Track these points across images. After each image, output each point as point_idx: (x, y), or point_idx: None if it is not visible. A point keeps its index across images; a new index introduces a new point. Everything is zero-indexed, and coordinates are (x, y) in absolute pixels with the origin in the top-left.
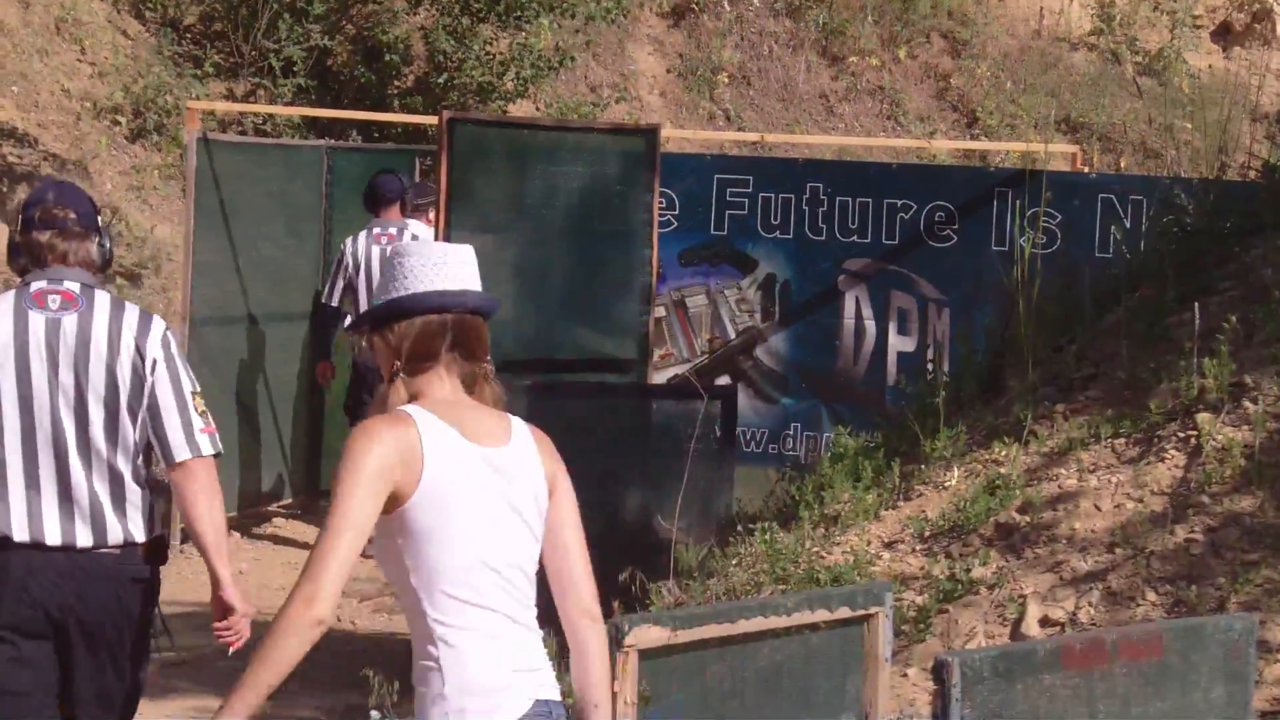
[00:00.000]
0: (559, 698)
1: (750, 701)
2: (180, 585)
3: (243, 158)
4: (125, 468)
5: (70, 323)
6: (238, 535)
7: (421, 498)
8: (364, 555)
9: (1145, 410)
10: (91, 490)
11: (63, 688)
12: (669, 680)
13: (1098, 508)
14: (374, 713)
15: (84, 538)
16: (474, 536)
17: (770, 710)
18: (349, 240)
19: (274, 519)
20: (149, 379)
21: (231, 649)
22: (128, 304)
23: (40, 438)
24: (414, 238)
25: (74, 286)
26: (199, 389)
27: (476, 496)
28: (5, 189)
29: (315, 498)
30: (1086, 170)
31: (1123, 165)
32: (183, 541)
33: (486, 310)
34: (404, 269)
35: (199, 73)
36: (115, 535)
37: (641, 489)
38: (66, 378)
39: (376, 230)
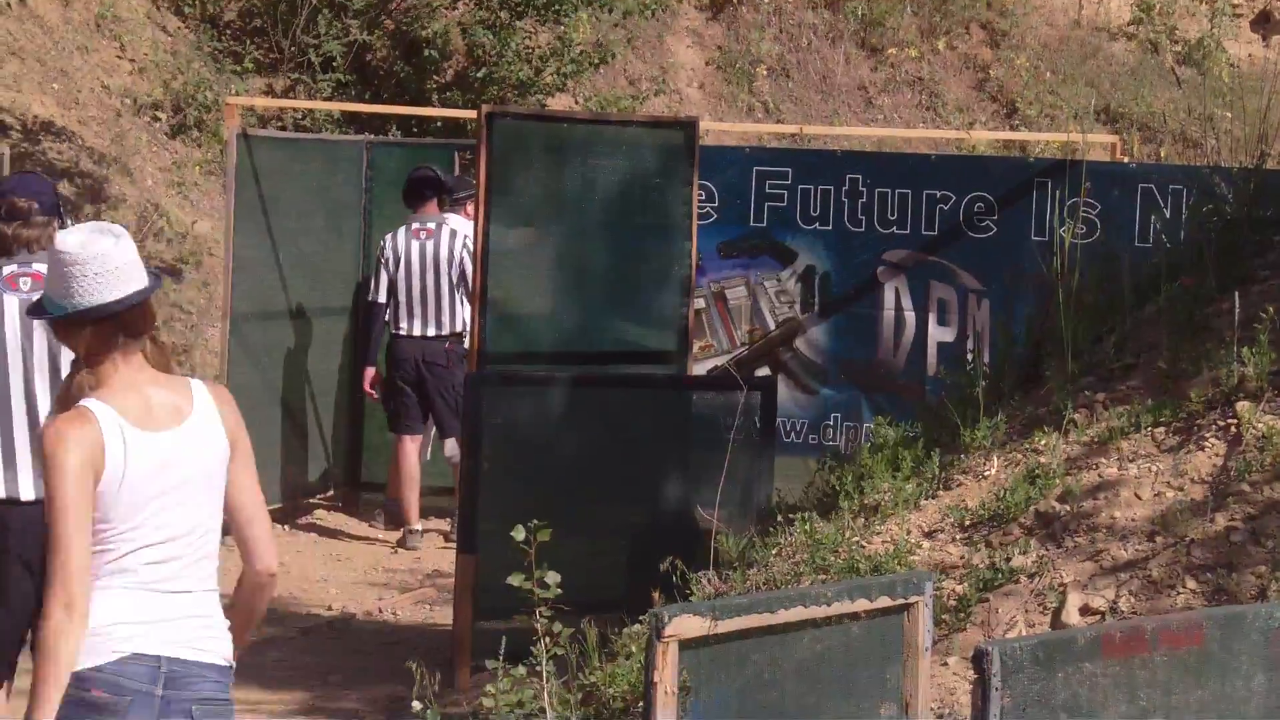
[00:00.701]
0: (199, 659)
1: (790, 691)
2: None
3: (282, 153)
4: None
5: None
6: (282, 528)
7: (105, 488)
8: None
9: (1185, 399)
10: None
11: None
12: (709, 670)
13: (1138, 496)
14: (416, 703)
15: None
16: (140, 523)
17: (810, 700)
18: (388, 237)
19: (316, 511)
20: None
21: None
22: None
23: (15, 404)
24: (452, 233)
25: (42, 268)
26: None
27: (146, 487)
28: None
29: (357, 490)
30: (1126, 160)
31: (1162, 155)
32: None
33: (149, 293)
34: (71, 282)
35: (239, 68)
36: None
37: (682, 479)
38: (40, 350)
39: (415, 226)
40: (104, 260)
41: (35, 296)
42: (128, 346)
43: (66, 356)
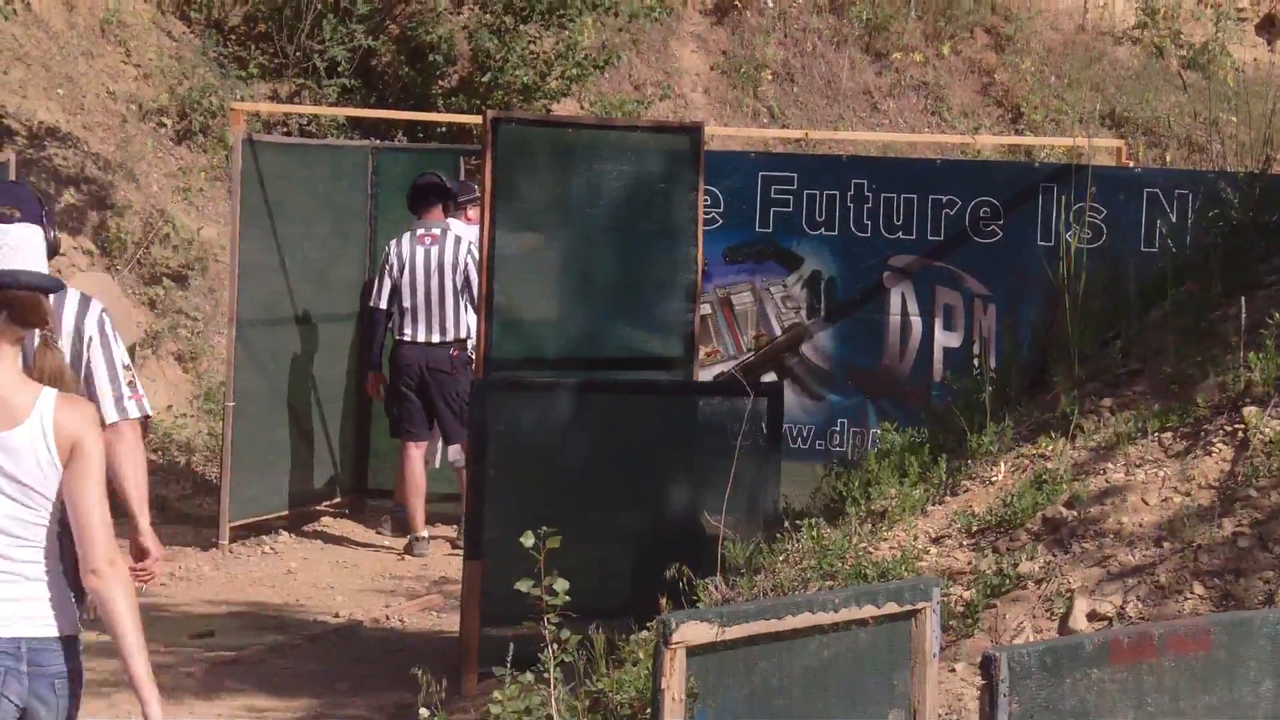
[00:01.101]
0: (32, 634)
1: (797, 697)
2: (229, 586)
3: (288, 159)
4: None
5: None
6: (287, 535)
7: None
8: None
9: (1192, 404)
10: None
11: None
12: (716, 676)
13: (1145, 502)
14: (423, 710)
15: None
16: None
17: (818, 706)
18: (392, 242)
19: (322, 518)
20: (85, 353)
21: (145, 586)
22: (70, 288)
23: None
24: (457, 239)
25: None
26: (130, 363)
27: None
28: (53, 191)
29: (364, 497)
30: (1131, 165)
31: (1168, 159)
32: (231, 541)
33: (42, 287)
34: None
35: (244, 74)
36: None
37: (688, 486)
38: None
39: (420, 231)
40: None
41: None
42: (5, 332)
43: (65, 349)
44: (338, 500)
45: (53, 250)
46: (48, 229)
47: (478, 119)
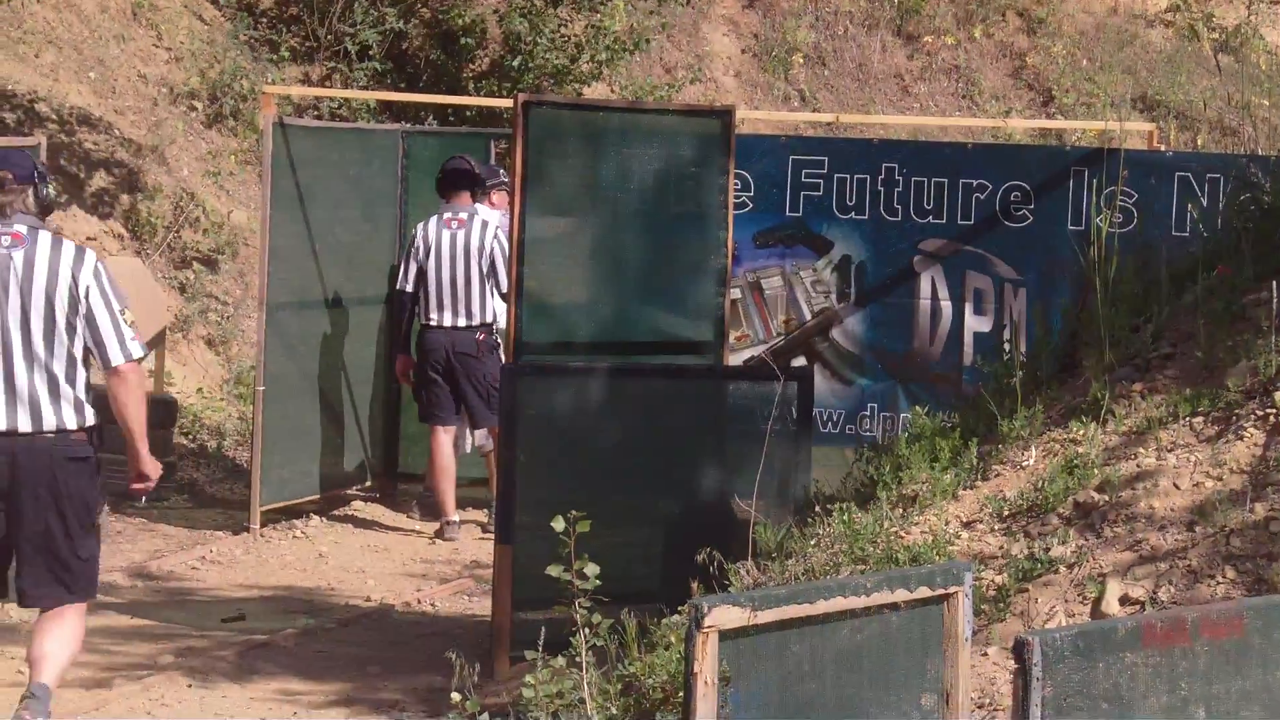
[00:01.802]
0: None
1: (830, 681)
2: (260, 570)
3: (318, 142)
4: (60, 371)
5: (19, 256)
6: (318, 519)
7: None
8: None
9: (1223, 389)
10: (32, 387)
11: (10, 529)
12: (748, 661)
13: (1176, 486)
14: (455, 694)
15: (24, 424)
16: None
17: (850, 690)
18: (419, 226)
19: (353, 502)
20: (84, 301)
21: (144, 497)
22: (65, 240)
23: (14, 345)
24: (484, 224)
25: (21, 229)
26: (128, 307)
27: None
28: (84, 175)
29: (394, 481)
30: (1163, 148)
31: (1200, 143)
32: (262, 525)
33: None
34: None
35: (275, 57)
36: (50, 422)
37: (719, 470)
38: (14, 300)
39: (447, 215)
40: None
41: (13, 252)
42: None
43: (37, 310)
44: (368, 484)
45: (45, 206)
46: (40, 187)
47: (508, 102)
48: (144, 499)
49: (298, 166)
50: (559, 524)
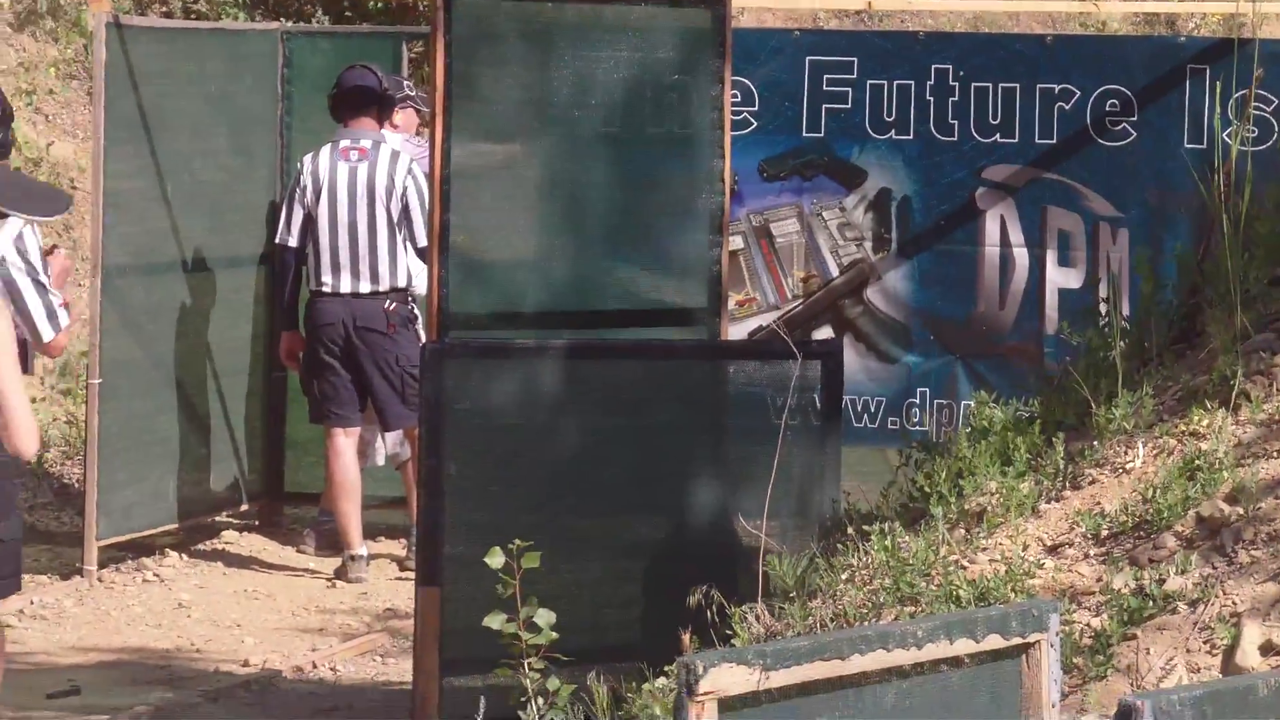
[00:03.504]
0: None
1: None
2: (99, 626)
3: (169, 48)
4: None
5: None
6: (177, 556)
7: None
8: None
9: None
10: None
11: None
12: None
13: None
14: None
15: None
16: None
17: None
18: (307, 158)
19: (224, 533)
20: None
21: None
22: None
23: None
24: (393, 154)
25: None
26: (49, 277)
27: None
28: None
29: (279, 504)
30: None
31: None
32: (101, 566)
33: None
34: None
35: None
36: None
37: (717, 480)
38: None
39: (344, 145)
40: None
41: None
42: None
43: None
44: (244, 509)
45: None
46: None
47: None
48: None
49: (141, 82)
50: (496, 559)
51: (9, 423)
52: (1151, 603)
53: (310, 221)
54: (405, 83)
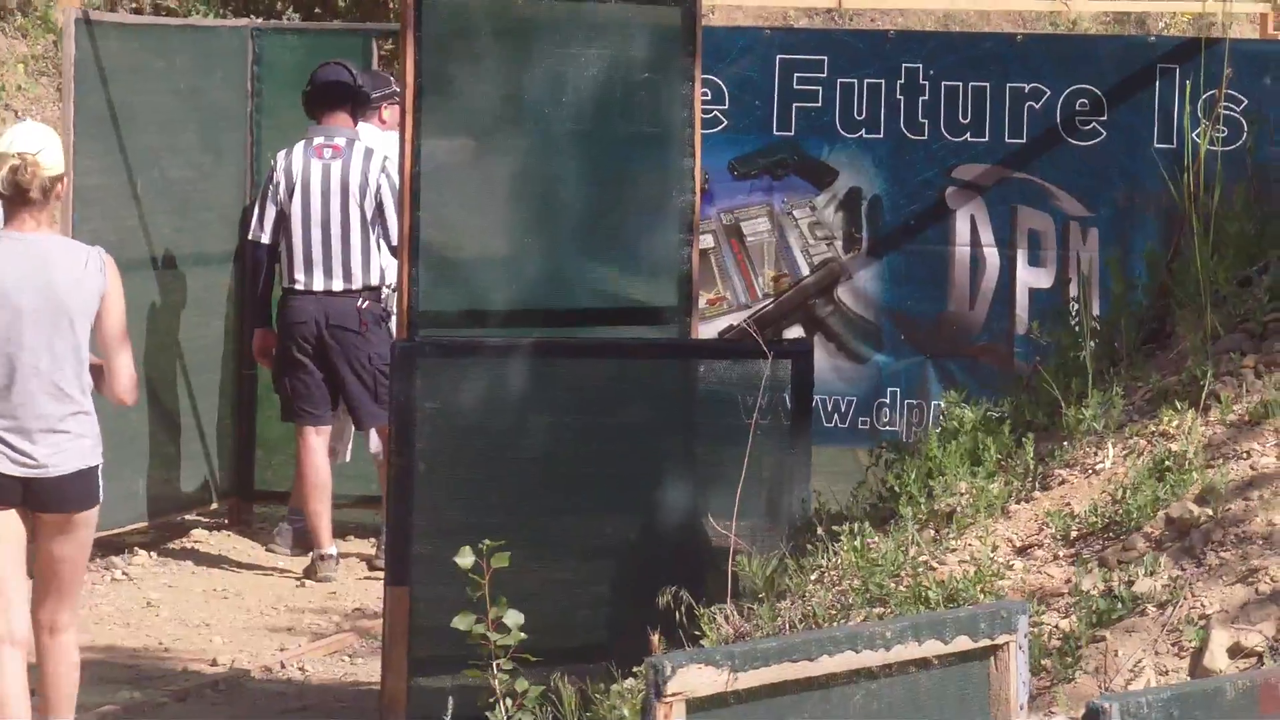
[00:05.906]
0: None
1: None
2: None
3: (139, 44)
4: None
5: None
6: (145, 554)
7: None
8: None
9: None
10: None
11: None
12: None
13: None
14: None
15: None
16: None
17: None
18: (281, 154)
19: (193, 531)
20: None
21: None
22: None
23: None
24: (367, 152)
25: None
26: None
27: None
28: None
29: (249, 503)
30: None
31: None
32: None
33: None
34: None
35: None
36: None
37: (687, 480)
38: None
39: (318, 142)
40: None
41: None
42: None
43: None
44: (214, 507)
45: None
46: None
47: None
48: None
49: (111, 78)
50: (466, 558)
51: (112, 374)
52: (1120, 604)
53: (283, 219)
54: (391, 79)
